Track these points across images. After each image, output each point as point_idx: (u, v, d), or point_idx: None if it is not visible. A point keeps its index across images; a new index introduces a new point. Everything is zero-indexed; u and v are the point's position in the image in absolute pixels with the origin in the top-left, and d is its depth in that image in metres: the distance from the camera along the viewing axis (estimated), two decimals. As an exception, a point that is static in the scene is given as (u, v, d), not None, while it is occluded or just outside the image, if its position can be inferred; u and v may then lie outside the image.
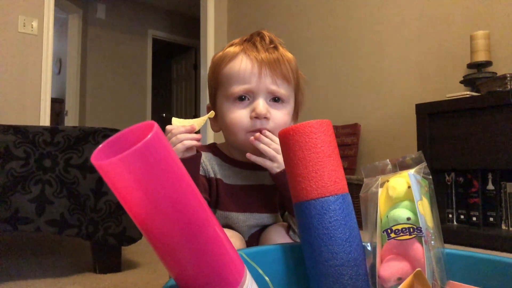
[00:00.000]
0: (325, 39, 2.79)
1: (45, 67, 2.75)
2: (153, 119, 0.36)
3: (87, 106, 4.49)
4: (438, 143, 1.81)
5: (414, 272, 0.42)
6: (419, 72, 2.25)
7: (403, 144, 2.25)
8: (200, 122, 0.68)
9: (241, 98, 0.73)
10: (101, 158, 0.34)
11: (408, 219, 0.49)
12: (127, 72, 4.85)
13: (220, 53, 0.78)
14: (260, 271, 0.51)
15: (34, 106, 2.71)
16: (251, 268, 0.52)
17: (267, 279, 0.52)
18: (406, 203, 0.50)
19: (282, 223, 0.81)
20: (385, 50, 2.42)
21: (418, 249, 0.48)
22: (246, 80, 0.72)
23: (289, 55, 0.77)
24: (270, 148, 0.70)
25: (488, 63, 1.88)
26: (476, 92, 1.82)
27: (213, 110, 0.78)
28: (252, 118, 0.72)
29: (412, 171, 0.52)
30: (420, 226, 0.48)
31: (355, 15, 2.60)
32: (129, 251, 1.48)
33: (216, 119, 0.80)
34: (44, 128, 1.16)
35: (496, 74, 1.83)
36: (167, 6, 5.30)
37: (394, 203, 0.51)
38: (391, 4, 2.40)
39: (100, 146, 0.35)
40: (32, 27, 2.70)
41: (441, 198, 1.85)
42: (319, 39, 2.82)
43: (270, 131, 0.72)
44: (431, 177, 0.53)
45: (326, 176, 0.50)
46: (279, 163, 0.70)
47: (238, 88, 0.72)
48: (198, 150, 0.70)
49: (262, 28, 0.81)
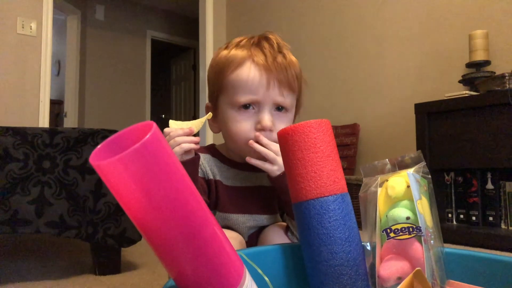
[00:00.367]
0: (324, 39, 2.79)
1: (44, 68, 2.75)
2: (152, 120, 0.36)
3: (86, 107, 4.49)
4: (437, 143, 1.81)
5: (413, 272, 0.42)
6: (418, 72, 2.25)
7: (402, 144, 2.25)
8: (198, 124, 0.68)
9: (246, 106, 0.72)
10: (99, 159, 0.34)
11: (408, 218, 0.49)
12: (126, 73, 4.85)
13: (224, 52, 0.76)
14: (260, 271, 0.51)
15: (33, 108, 2.71)
16: (250, 268, 0.52)
17: (266, 279, 0.51)
18: (406, 202, 0.50)
19: (280, 223, 0.81)
20: (384, 50, 2.42)
21: (417, 248, 0.48)
22: (253, 91, 0.71)
23: (294, 60, 0.76)
24: (269, 150, 0.70)
25: (487, 63, 1.88)
26: (474, 91, 1.83)
27: (213, 110, 0.78)
28: (257, 130, 0.72)
29: (411, 171, 0.52)
30: (420, 225, 0.48)
31: (354, 15, 2.60)
32: (128, 253, 1.48)
33: (216, 120, 0.79)
34: (43, 130, 1.16)
35: (495, 73, 1.83)
36: (166, 7, 5.30)
37: (394, 202, 0.51)
38: (390, 4, 2.40)
39: (98, 147, 0.35)
40: (31, 29, 2.70)
41: (440, 198, 1.85)
42: (318, 40, 2.83)
43: (274, 141, 0.71)
44: (430, 176, 0.53)
45: (325, 176, 0.50)
46: (279, 165, 0.70)
47: (245, 98, 0.71)
48: (196, 152, 0.70)
49: (269, 31, 0.80)
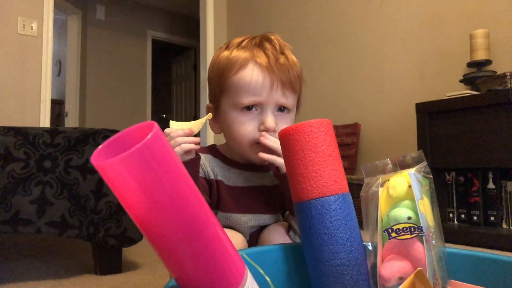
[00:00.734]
0: (324, 39, 2.79)
1: (45, 68, 2.75)
2: (153, 120, 0.36)
3: (87, 107, 4.49)
4: (439, 142, 1.81)
5: (415, 272, 0.42)
6: (419, 71, 2.25)
7: (403, 144, 2.25)
8: (198, 124, 0.68)
9: (249, 107, 0.73)
10: (101, 159, 0.34)
11: (409, 218, 0.49)
12: (127, 73, 4.85)
13: (225, 53, 0.76)
14: (261, 271, 0.51)
15: (34, 108, 2.71)
16: (252, 268, 0.52)
17: (268, 279, 0.51)
18: (407, 202, 0.50)
19: (282, 223, 0.81)
20: (385, 50, 2.42)
21: (419, 248, 0.48)
22: (257, 93, 0.71)
23: (295, 61, 0.76)
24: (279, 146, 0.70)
25: (488, 62, 1.88)
26: (476, 91, 1.82)
27: (214, 111, 0.78)
28: (260, 131, 0.72)
29: (412, 170, 0.52)
30: (421, 225, 0.48)
31: (355, 14, 2.60)
32: (130, 252, 1.48)
33: (217, 121, 0.79)
34: (44, 130, 1.16)
35: (496, 72, 1.83)
36: (166, 7, 5.30)
37: (395, 202, 0.51)
38: (391, 3, 2.40)
39: (100, 147, 0.35)
40: (32, 29, 2.70)
41: (441, 197, 1.85)
42: (319, 39, 2.82)
43: None
44: (431, 176, 0.53)
45: (326, 175, 0.50)
46: None
47: (248, 100, 0.72)
48: (197, 152, 0.70)
49: (270, 31, 0.80)
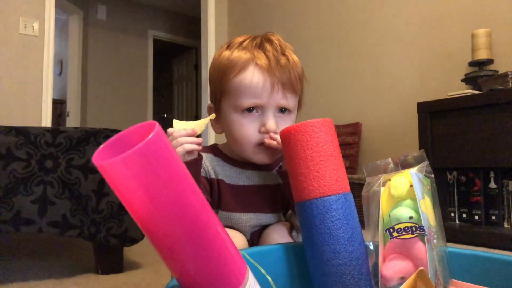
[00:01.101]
0: (326, 38, 2.79)
1: (46, 68, 2.75)
2: (154, 120, 0.36)
3: (89, 107, 4.50)
4: (440, 142, 1.81)
5: (416, 271, 0.42)
6: (420, 71, 2.24)
7: (404, 143, 2.25)
8: (201, 125, 0.68)
9: (249, 109, 0.73)
10: (102, 158, 0.34)
11: (411, 218, 0.49)
12: (128, 72, 4.85)
13: (226, 53, 0.76)
14: (263, 271, 0.51)
15: (36, 107, 2.71)
16: (253, 268, 0.52)
17: (269, 279, 0.51)
18: (408, 202, 0.50)
19: (283, 223, 0.80)
20: (386, 49, 2.42)
21: (420, 248, 0.48)
22: (257, 95, 0.71)
23: (297, 61, 0.76)
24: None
25: (490, 61, 1.87)
26: (477, 90, 1.82)
27: (216, 111, 0.78)
28: (261, 133, 0.72)
29: (414, 170, 0.52)
30: (423, 225, 0.48)
31: (356, 14, 2.60)
32: (131, 252, 1.48)
33: (218, 121, 0.79)
34: (46, 129, 1.16)
35: (498, 72, 1.83)
36: (167, 7, 5.30)
37: (396, 202, 0.51)
38: (392, 2, 2.39)
39: (101, 147, 0.35)
40: (33, 29, 2.70)
41: (443, 197, 1.85)
42: (320, 38, 2.82)
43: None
44: (433, 175, 0.53)
45: (328, 175, 0.50)
46: None
47: (248, 102, 0.72)
48: (199, 153, 0.70)
49: (270, 31, 0.79)
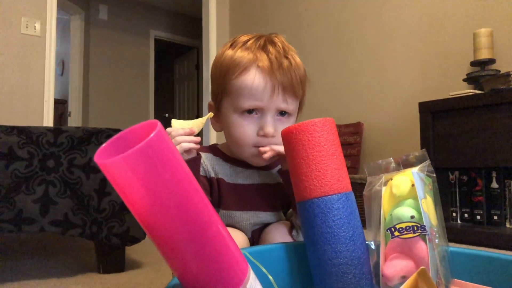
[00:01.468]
0: (327, 38, 2.78)
1: (48, 68, 2.76)
2: (155, 119, 0.36)
3: (90, 107, 4.50)
4: (442, 141, 1.81)
5: (418, 271, 0.42)
6: (422, 71, 2.24)
7: (406, 143, 2.25)
8: (199, 124, 0.68)
9: (249, 111, 0.73)
10: (104, 157, 0.34)
11: (412, 217, 0.49)
12: (130, 72, 4.86)
13: (229, 52, 0.75)
14: (264, 269, 0.51)
15: (37, 107, 2.72)
16: (254, 267, 0.52)
17: (270, 278, 0.51)
18: (410, 201, 0.50)
19: (284, 222, 0.81)
20: (388, 48, 2.41)
21: (422, 247, 0.48)
22: (258, 98, 0.71)
23: (299, 63, 0.75)
24: (280, 146, 0.70)
25: (491, 61, 1.87)
26: (479, 90, 1.82)
27: (216, 109, 0.78)
28: (259, 135, 0.72)
29: (415, 169, 0.51)
30: (424, 224, 0.48)
31: (358, 14, 2.59)
32: (132, 251, 1.48)
33: (218, 119, 0.80)
34: (48, 129, 1.16)
35: (500, 71, 1.82)
36: (169, 7, 5.31)
37: (398, 201, 0.51)
38: (394, 2, 2.39)
39: (103, 145, 0.35)
40: (35, 29, 2.71)
41: (445, 197, 1.85)
42: (322, 38, 2.82)
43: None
44: (434, 175, 0.53)
45: (329, 174, 0.50)
46: None
47: (249, 104, 0.72)
48: (198, 152, 0.70)
49: (274, 33, 0.79)
